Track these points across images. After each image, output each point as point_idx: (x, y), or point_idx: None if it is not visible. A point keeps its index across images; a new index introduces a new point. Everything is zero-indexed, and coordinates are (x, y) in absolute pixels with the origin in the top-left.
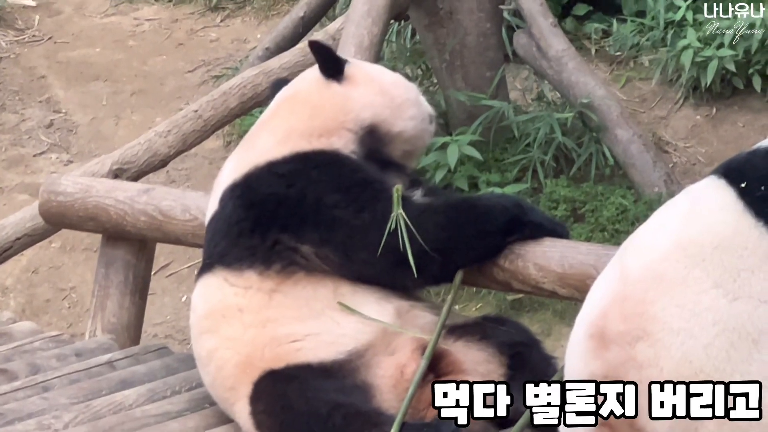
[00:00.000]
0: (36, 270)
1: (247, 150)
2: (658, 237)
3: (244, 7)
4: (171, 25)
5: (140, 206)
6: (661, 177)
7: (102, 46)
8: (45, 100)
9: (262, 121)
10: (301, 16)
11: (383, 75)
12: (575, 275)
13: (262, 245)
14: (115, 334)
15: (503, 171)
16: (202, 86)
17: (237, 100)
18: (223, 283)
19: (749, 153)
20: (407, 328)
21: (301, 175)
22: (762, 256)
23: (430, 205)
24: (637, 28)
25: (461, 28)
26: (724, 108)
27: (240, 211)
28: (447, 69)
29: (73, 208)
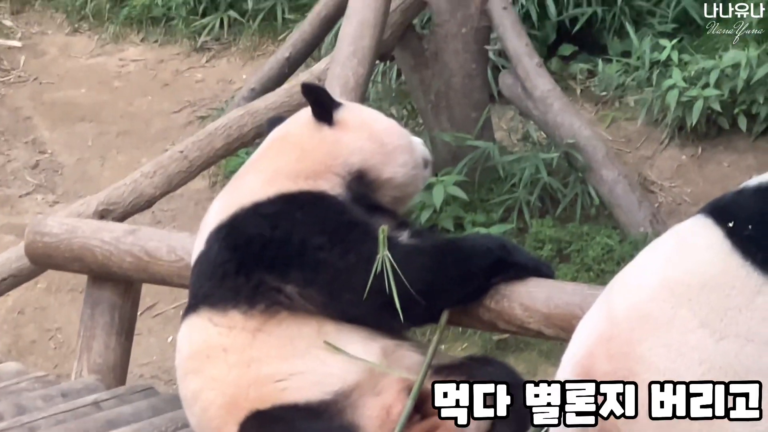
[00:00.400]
0: (22, 310)
1: (234, 191)
2: (644, 276)
3: (230, 48)
4: (156, 65)
5: (126, 247)
6: (647, 217)
7: (87, 87)
8: (31, 140)
9: (251, 161)
10: (286, 57)
11: (376, 121)
12: (561, 315)
13: (246, 285)
14: (101, 375)
15: (489, 211)
16: (188, 127)
17: (222, 140)
18: (207, 324)
19: (736, 192)
20: (393, 368)
21: (286, 216)
22: (749, 295)
23: (415, 247)
24: (622, 68)
25: (447, 68)
26: (710, 148)
27: (225, 252)
28: (432, 110)
29: (58, 249)
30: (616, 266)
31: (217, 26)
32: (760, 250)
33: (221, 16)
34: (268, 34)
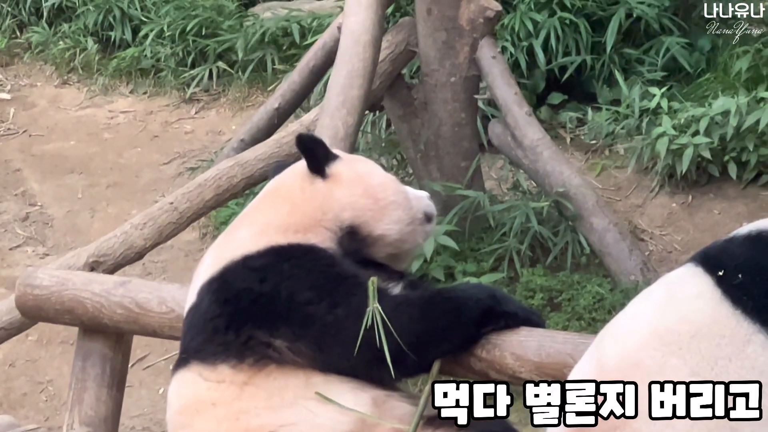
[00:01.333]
0: (13, 363)
1: (225, 243)
2: (634, 325)
3: (219, 99)
4: (146, 117)
5: (117, 299)
6: (638, 265)
7: (77, 139)
8: (20, 193)
9: (244, 213)
10: (275, 108)
11: (371, 175)
12: (552, 364)
13: (236, 341)
14: (93, 427)
15: (479, 260)
16: (178, 178)
17: (212, 192)
18: (197, 378)
19: (726, 241)
20: (385, 419)
21: (273, 269)
22: (739, 344)
23: (405, 298)
24: (612, 117)
25: (436, 118)
26: (700, 195)
27: (215, 306)
28: (422, 159)
29: (49, 302)
30: (607, 315)
31: (206, 77)
32: (751, 298)
33: (210, 67)
34: (257, 84)
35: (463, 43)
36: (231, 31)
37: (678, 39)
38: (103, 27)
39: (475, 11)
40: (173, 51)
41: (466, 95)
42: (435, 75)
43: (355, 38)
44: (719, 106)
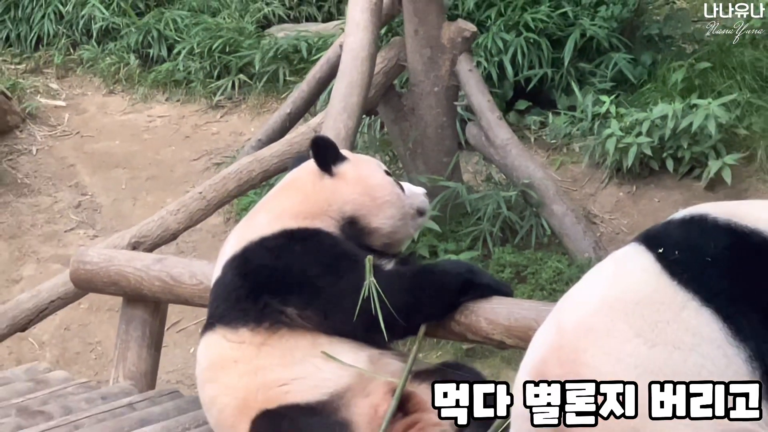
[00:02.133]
0: (68, 327)
1: (247, 226)
2: (588, 295)
3: (240, 106)
4: (179, 120)
5: (155, 273)
6: (591, 244)
7: (121, 139)
8: (74, 184)
9: (264, 200)
10: (288, 113)
11: (371, 176)
12: (520, 327)
13: (254, 308)
14: (135, 380)
15: (458, 241)
16: (206, 172)
17: (235, 183)
18: (221, 340)
19: (665, 223)
20: (380, 373)
21: (286, 249)
22: (676, 310)
23: (397, 272)
24: (569, 120)
25: (422, 121)
26: (643, 186)
27: (237, 279)
28: (410, 156)
29: (98, 275)
30: (565, 286)
31: (229, 87)
32: (686, 271)
33: (233, 78)
34: (272, 93)
35: (444, 58)
36: (250, 48)
37: (624, 55)
38: (143, 45)
39: (454, 32)
40: (202, 65)
41: (447, 102)
42: (421, 85)
43: (354, 55)
44: (658, 111)
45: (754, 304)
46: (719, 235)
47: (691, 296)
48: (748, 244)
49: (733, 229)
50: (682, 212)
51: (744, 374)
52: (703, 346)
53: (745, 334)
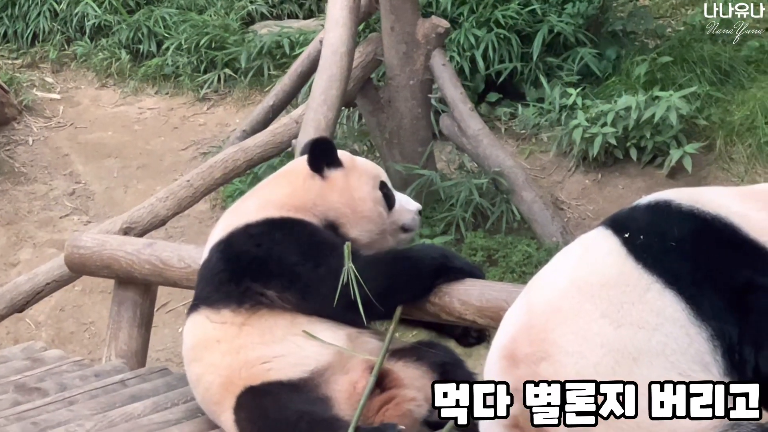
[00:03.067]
0: (63, 308)
1: (235, 212)
2: (556, 277)
3: (226, 98)
4: (168, 112)
5: (145, 257)
6: (558, 229)
7: (113, 130)
8: (68, 173)
9: (257, 187)
10: (271, 105)
11: (357, 189)
12: (491, 308)
13: (236, 290)
14: (126, 359)
15: (432, 226)
16: (193, 161)
17: (221, 172)
18: (204, 321)
19: (630, 209)
20: (358, 351)
21: (268, 236)
22: (640, 291)
23: (374, 257)
24: (537, 112)
25: (398, 113)
26: (608, 174)
27: (221, 263)
28: (387, 145)
29: (91, 259)
30: (534, 269)
31: (216, 81)
32: (650, 255)
33: (219, 72)
34: (256, 87)
35: (419, 53)
36: (235, 45)
37: (590, 50)
38: (134, 41)
39: (428, 28)
40: (189, 60)
41: (422, 95)
42: (397, 79)
43: (334, 50)
44: (623, 103)
45: (715, 286)
46: (683, 221)
47: (655, 279)
48: (710, 229)
49: (696, 215)
50: (648, 198)
51: (705, 351)
52: (667, 325)
53: (706, 314)
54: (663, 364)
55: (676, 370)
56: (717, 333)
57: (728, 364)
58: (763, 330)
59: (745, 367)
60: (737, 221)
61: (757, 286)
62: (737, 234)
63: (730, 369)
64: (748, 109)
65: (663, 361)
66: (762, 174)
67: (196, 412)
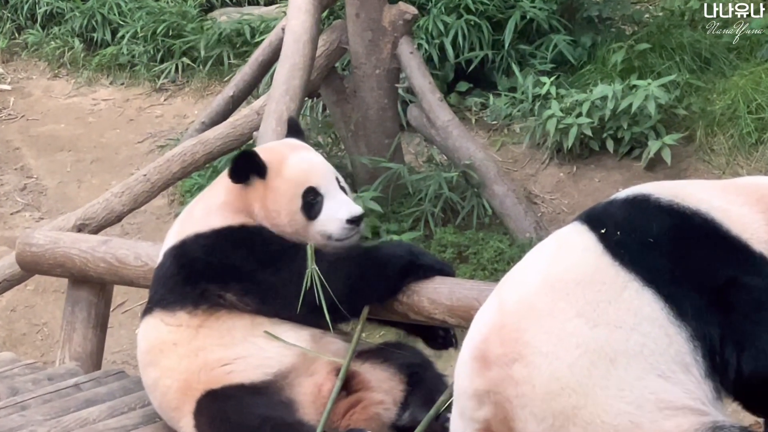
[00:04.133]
0: (14, 309)
1: (186, 217)
2: (529, 274)
3: (184, 88)
4: (123, 104)
5: (100, 255)
6: (532, 224)
7: (66, 122)
8: (19, 167)
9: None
10: (231, 95)
11: (274, 200)
12: (462, 307)
13: (192, 292)
14: (81, 361)
15: (400, 221)
16: (150, 154)
17: (179, 165)
18: (159, 323)
19: (607, 203)
20: (323, 353)
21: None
22: (617, 290)
23: (339, 257)
24: (509, 101)
25: (364, 103)
26: (583, 166)
27: (174, 268)
28: (352, 137)
29: (44, 257)
30: (506, 266)
31: (173, 70)
32: (627, 252)
33: (176, 62)
34: (215, 76)
35: (386, 41)
36: (193, 33)
37: (564, 37)
38: (88, 29)
39: (395, 14)
40: (145, 49)
41: (389, 84)
42: (363, 68)
43: (296, 37)
44: (599, 92)
45: (695, 285)
46: (661, 216)
47: (632, 277)
48: (690, 225)
49: (675, 210)
50: (625, 192)
51: (685, 352)
52: (645, 325)
53: (686, 313)
54: (641, 365)
55: (655, 372)
56: (697, 333)
57: (709, 365)
58: (746, 330)
59: (726, 368)
60: (719, 216)
61: (740, 285)
62: (718, 230)
63: (712, 370)
64: (729, 98)
65: (641, 361)
66: (744, 166)
67: (153, 416)
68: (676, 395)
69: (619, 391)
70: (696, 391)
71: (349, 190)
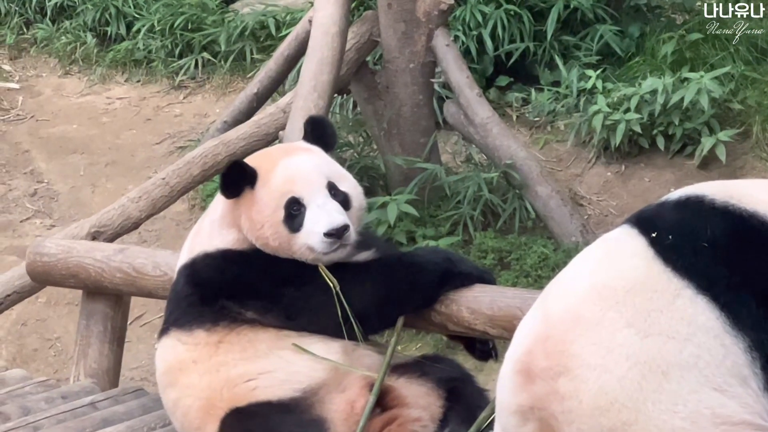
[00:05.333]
0: (25, 323)
1: (197, 232)
2: (576, 282)
3: (204, 85)
4: (140, 102)
5: (116, 264)
6: (578, 228)
7: (79, 123)
8: (29, 171)
9: (212, 203)
10: (255, 92)
11: (258, 211)
12: (503, 317)
13: (209, 310)
14: (97, 378)
15: (437, 226)
16: (169, 156)
17: (199, 168)
18: (176, 343)
19: (658, 205)
20: (356, 367)
21: (227, 267)
22: (669, 298)
23: (368, 266)
24: (553, 96)
25: (397, 100)
26: (632, 165)
27: (188, 287)
28: (385, 136)
29: (56, 268)
30: (551, 272)
31: (193, 66)
32: (680, 257)
33: (196, 57)
34: (238, 72)
35: (420, 33)
36: (214, 26)
37: (610, 27)
38: (101, 23)
39: (430, 4)
40: (163, 44)
41: (424, 79)
42: (396, 62)
43: (325, 30)
44: (648, 85)
45: (753, 291)
46: (716, 219)
47: (685, 284)
48: (747, 228)
49: (731, 212)
50: (677, 193)
51: (743, 364)
52: (699, 335)
53: (743, 323)
54: (696, 378)
55: (710, 385)
56: (756, 344)
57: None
58: None
59: None
60: None
61: None
62: None
63: None
64: None
65: (696, 374)
66: None
67: None
68: (733, 410)
69: (673, 405)
70: (754, 405)
71: (355, 197)
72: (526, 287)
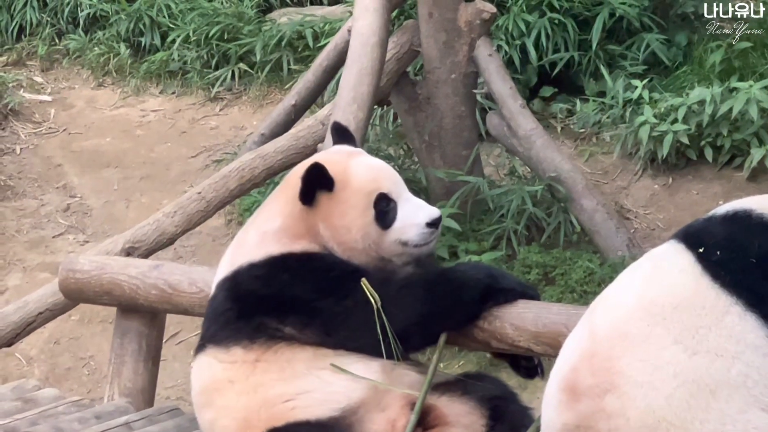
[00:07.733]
0: (58, 341)
1: (239, 244)
2: (622, 298)
3: (241, 97)
4: (174, 115)
5: (151, 281)
6: (624, 242)
7: (112, 136)
8: (62, 186)
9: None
10: (292, 104)
11: (343, 214)
12: (548, 333)
13: (247, 327)
14: (131, 398)
15: (480, 240)
16: (205, 170)
17: (236, 182)
18: (212, 361)
19: (705, 219)
20: (396, 385)
21: (275, 277)
22: (718, 315)
23: (409, 282)
24: (598, 107)
25: (438, 111)
26: (680, 177)
27: (227, 302)
28: (426, 149)
29: (89, 284)
30: (597, 287)
31: (229, 78)
32: (728, 273)
33: (232, 68)
34: (275, 83)
35: (461, 42)
36: (250, 36)
37: (657, 35)
38: (134, 33)
39: (472, 14)
40: (198, 54)
41: (466, 90)
42: (437, 72)
43: (364, 40)
44: (695, 95)
45: None
46: (765, 233)
47: (734, 300)
48: None
49: None
50: (725, 207)
51: None
52: (748, 353)
53: None
54: (744, 398)
55: (759, 405)
56: None
57: None
58: None
59: None
60: None
61: None
62: None
63: None
64: None
65: (744, 393)
66: None
67: None
68: None
69: (721, 425)
70: None
71: None
72: (572, 303)
